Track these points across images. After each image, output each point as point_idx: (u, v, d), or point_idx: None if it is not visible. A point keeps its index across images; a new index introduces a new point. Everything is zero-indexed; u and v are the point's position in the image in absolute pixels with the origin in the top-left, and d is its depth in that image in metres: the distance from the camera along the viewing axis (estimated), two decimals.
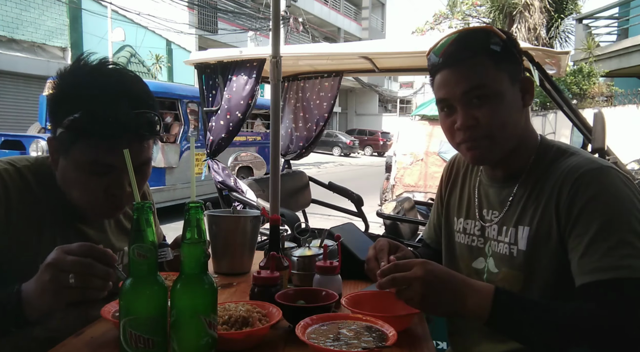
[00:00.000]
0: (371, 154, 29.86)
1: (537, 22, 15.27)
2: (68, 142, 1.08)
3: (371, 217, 3.85)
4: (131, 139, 1.09)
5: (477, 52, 1.10)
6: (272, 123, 2.43)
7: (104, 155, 1.08)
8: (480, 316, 0.99)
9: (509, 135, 1.12)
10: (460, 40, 1.12)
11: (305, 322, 1.00)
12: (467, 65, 1.10)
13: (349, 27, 31.71)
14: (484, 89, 1.09)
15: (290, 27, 17.35)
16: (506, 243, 1.17)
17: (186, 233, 0.84)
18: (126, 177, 1.10)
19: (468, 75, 1.10)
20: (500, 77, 1.10)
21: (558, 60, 2.74)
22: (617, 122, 10.87)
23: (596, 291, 0.95)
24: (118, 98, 1.07)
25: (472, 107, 1.10)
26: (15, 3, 12.42)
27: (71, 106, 1.05)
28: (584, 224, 1.01)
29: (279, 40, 2.45)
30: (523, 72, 1.15)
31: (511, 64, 1.12)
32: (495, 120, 1.10)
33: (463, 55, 1.10)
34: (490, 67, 1.09)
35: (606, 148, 2.51)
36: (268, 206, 2.62)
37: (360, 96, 36.12)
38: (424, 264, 1.01)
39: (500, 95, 1.09)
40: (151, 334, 0.82)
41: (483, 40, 1.10)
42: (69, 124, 1.05)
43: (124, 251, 1.33)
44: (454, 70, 1.12)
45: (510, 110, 1.11)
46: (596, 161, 1.07)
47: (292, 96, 3.81)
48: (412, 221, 3.45)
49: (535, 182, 1.14)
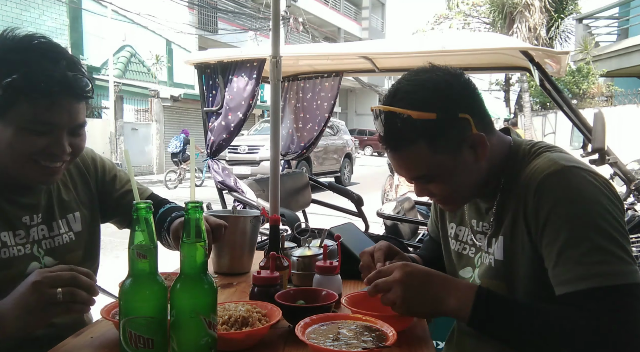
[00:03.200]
0: (371, 154, 29.87)
1: (537, 22, 15.27)
2: (5, 105, 1.08)
3: (371, 217, 3.84)
4: (70, 97, 1.11)
5: (409, 141, 1.03)
6: (272, 123, 2.42)
7: (44, 113, 1.09)
8: (463, 315, 0.99)
9: (468, 188, 1.12)
10: (389, 130, 1.05)
11: (305, 322, 1.00)
12: (402, 154, 1.07)
13: (349, 27, 31.70)
14: (426, 176, 1.09)
15: (290, 27, 17.35)
16: (489, 254, 1.16)
17: (186, 233, 0.84)
18: (66, 137, 1.13)
19: (407, 165, 1.09)
20: (441, 159, 1.05)
21: (558, 60, 2.74)
22: (617, 122, 10.87)
23: (574, 300, 0.94)
24: (56, 60, 1.10)
25: (424, 184, 1.12)
26: (15, 3, 12.43)
27: (4, 70, 1.06)
28: (552, 231, 0.98)
29: (279, 40, 2.45)
30: (470, 128, 1.04)
31: (449, 138, 1.04)
32: (447, 190, 1.11)
33: (393, 144, 1.06)
34: (426, 155, 1.04)
35: (606, 148, 2.51)
36: (268, 206, 2.62)
37: (360, 96, 36.12)
38: (403, 267, 1.02)
39: (447, 173, 1.07)
40: (151, 334, 0.82)
41: (410, 130, 1.02)
42: (5, 86, 1.05)
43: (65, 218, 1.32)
44: (394, 156, 1.09)
45: (462, 174, 1.08)
46: (557, 162, 1.02)
47: (292, 96, 3.80)
48: (412, 221, 3.45)
49: (508, 191, 1.12)
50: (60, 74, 1.08)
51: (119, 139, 14.53)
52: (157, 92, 15.88)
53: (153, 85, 16.46)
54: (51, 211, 1.29)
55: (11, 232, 1.19)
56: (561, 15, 15.76)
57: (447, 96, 1.03)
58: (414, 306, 1.02)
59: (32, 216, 1.24)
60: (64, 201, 1.32)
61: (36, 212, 1.25)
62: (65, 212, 1.32)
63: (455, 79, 1.06)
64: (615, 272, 0.92)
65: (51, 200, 1.29)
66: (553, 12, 15.54)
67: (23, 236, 1.21)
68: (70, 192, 1.35)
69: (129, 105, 15.41)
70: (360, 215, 3.72)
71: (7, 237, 1.18)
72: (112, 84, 14.23)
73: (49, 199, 1.29)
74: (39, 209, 1.26)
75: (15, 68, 1.06)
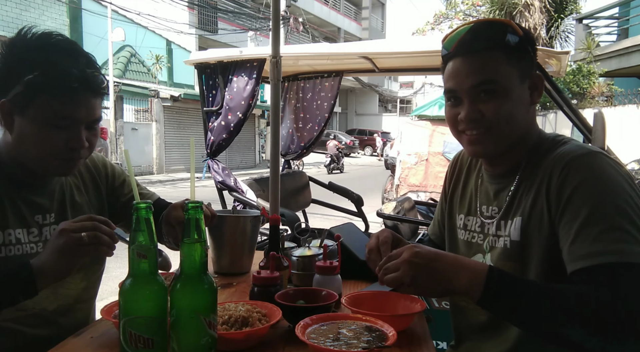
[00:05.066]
0: (371, 154, 29.89)
1: (537, 22, 15.26)
2: (26, 100, 1.13)
3: (371, 217, 3.85)
4: (88, 93, 1.17)
5: (491, 45, 1.09)
6: (272, 123, 2.43)
7: (65, 107, 1.14)
8: (474, 294, 0.98)
9: (510, 130, 1.13)
10: (476, 30, 1.12)
11: (305, 322, 1.00)
12: (480, 57, 1.10)
13: (349, 27, 31.71)
14: (493, 84, 1.10)
15: (290, 27, 17.35)
16: (502, 236, 1.17)
17: (186, 233, 0.84)
18: (84, 131, 1.19)
19: (479, 68, 1.10)
20: (511, 73, 1.10)
21: (558, 60, 2.74)
22: (617, 122, 10.87)
23: (588, 276, 0.95)
24: (75, 57, 1.17)
25: (479, 101, 1.11)
26: (15, 3, 12.42)
27: (27, 68, 1.12)
28: (574, 209, 1.00)
29: (279, 40, 2.45)
30: (535, 69, 1.15)
31: (524, 60, 1.12)
32: (499, 115, 1.11)
33: (477, 47, 1.10)
34: (502, 63, 1.09)
35: (606, 148, 2.51)
36: (268, 206, 2.62)
37: (360, 96, 36.12)
38: (411, 248, 1.02)
39: (508, 92, 1.10)
40: (151, 334, 0.82)
41: (499, 33, 1.09)
42: (27, 83, 1.11)
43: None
44: (466, 61, 1.12)
45: (516, 106, 1.12)
46: (585, 147, 1.07)
47: (292, 96, 3.80)
48: (412, 221, 3.44)
49: (530, 174, 1.15)
50: (79, 71, 1.14)
51: (119, 139, 14.54)
52: (157, 92, 15.88)
53: (153, 85, 16.46)
54: (64, 212, 1.33)
55: (25, 230, 1.23)
56: (561, 15, 15.74)
57: (529, 31, 1.15)
58: (423, 285, 1.00)
59: (45, 216, 1.28)
60: (77, 203, 1.37)
61: (49, 212, 1.29)
62: (76, 214, 1.34)
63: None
64: (632, 251, 0.92)
65: (64, 202, 1.34)
66: (553, 12, 15.52)
67: (36, 234, 1.25)
68: (83, 195, 1.40)
69: (129, 105, 15.40)
70: (360, 215, 3.72)
71: (22, 235, 1.22)
72: (112, 84, 14.23)
73: (62, 201, 1.33)
74: (52, 209, 1.30)
75: (36, 66, 1.12)
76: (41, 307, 1.24)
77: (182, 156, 16.51)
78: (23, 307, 1.18)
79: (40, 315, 1.23)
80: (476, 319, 1.23)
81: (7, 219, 1.19)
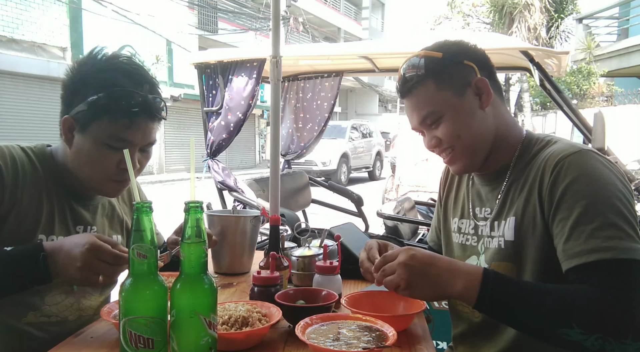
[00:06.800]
0: None
1: (537, 22, 15.27)
2: (88, 119, 1.17)
3: (371, 217, 3.84)
4: (147, 118, 1.21)
5: (418, 80, 1.16)
6: (272, 123, 2.42)
7: (123, 131, 1.18)
8: (469, 298, 0.98)
9: (474, 141, 1.16)
10: (403, 73, 1.19)
11: (305, 322, 1.00)
12: (413, 95, 1.19)
13: (349, 27, 31.69)
14: (433, 114, 1.16)
15: (290, 27, 17.34)
16: (496, 237, 1.18)
17: (186, 233, 0.84)
18: (136, 155, 1.23)
19: (416, 105, 1.19)
20: (445, 95, 1.14)
21: (558, 60, 2.74)
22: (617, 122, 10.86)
23: (583, 273, 0.95)
24: (140, 83, 1.20)
25: (431, 130, 1.20)
26: (15, 3, 12.41)
27: (92, 88, 1.16)
28: (567, 207, 1.01)
29: (279, 40, 2.44)
30: (474, 74, 1.16)
31: (455, 76, 1.15)
32: (453, 135, 1.16)
33: (407, 87, 1.18)
34: (433, 91, 1.15)
35: (606, 148, 2.51)
36: (268, 206, 2.62)
37: (360, 96, 36.12)
38: (407, 251, 1.02)
39: (450, 111, 1.15)
40: (151, 334, 0.82)
41: (420, 68, 1.15)
42: (91, 103, 1.15)
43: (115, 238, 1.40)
44: (407, 102, 1.21)
45: (466, 119, 1.15)
46: (575, 146, 1.08)
47: (292, 96, 3.80)
48: (412, 221, 3.44)
49: (520, 174, 1.15)
50: (141, 96, 1.18)
51: None
52: None
53: None
54: (102, 228, 1.37)
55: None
56: (561, 15, 15.74)
57: (454, 44, 1.19)
58: (418, 289, 1.01)
59: (87, 228, 1.32)
60: (114, 222, 1.42)
61: (91, 226, 1.33)
62: (112, 233, 1.41)
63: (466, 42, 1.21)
64: (626, 248, 0.93)
65: (103, 218, 1.38)
66: (553, 12, 15.53)
67: None
68: (118, 215, 1.44)
69: None
70: (360, 215, 3.71)
71: None
72: None
73: (102, 216, 1.38)
74: (94, 223, 1.34)
75: (102, 87, 1.16)
76: (64, 316, 1.27)
77: (182, 156, 16.51)
78: (47, 313, 1.22)
79: (62, 323, 1.26)
80: (473, 320, 1.24)
81: (54, 225, 1.23)
